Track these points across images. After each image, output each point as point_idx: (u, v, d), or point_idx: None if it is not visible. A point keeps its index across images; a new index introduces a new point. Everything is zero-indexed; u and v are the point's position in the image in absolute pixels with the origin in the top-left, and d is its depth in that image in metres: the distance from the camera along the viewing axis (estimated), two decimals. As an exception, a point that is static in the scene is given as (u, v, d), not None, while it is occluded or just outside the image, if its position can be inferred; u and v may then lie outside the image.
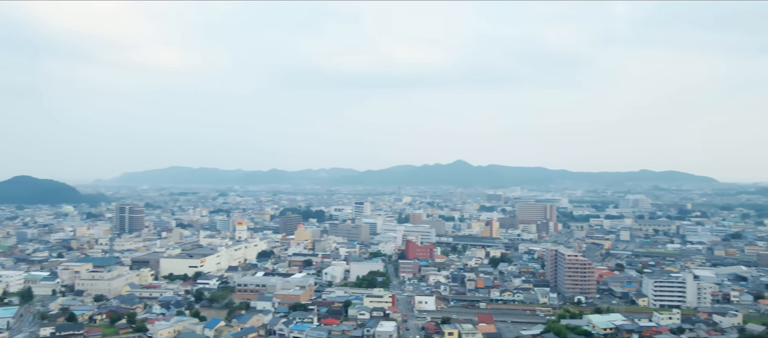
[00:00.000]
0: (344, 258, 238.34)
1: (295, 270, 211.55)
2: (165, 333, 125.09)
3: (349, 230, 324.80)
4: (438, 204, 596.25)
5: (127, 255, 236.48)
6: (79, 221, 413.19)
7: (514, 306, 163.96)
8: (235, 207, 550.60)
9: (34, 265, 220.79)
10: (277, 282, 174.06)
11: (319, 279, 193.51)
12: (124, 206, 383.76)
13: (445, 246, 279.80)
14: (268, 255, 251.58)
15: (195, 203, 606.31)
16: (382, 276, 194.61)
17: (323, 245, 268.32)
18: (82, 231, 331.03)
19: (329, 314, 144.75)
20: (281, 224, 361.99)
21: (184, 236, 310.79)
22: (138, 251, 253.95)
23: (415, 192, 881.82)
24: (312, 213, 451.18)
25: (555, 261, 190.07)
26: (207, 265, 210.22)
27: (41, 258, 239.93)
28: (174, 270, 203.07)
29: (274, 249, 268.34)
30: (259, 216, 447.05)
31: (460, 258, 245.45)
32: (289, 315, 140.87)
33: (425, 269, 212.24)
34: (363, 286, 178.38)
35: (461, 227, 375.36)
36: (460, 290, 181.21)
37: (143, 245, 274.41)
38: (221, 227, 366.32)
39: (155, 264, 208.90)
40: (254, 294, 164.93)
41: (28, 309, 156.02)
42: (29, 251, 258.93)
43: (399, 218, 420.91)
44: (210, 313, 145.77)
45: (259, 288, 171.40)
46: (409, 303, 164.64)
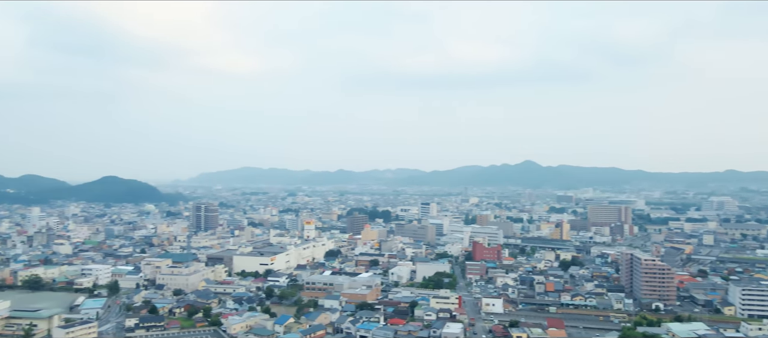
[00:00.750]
0: (410, 258, 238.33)
1: (361, 269, 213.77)
2: (238, 327, 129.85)
3: (415, 231, 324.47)
4: (506, 205, 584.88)
5: (203, 251, 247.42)
6: (159, 219, 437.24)
7: (586, 311, 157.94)
8: (304, 207, 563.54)
9: (120, 260, 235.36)
10: (344, 281, 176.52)
11: (385, 279, 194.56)
12: (200, 205, 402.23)
13: (513, 248, 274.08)
14: (336, 254, 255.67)
15: (265, 203, 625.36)
16: (448, 277, 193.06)
17: (389, 246, 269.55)
18: (163, 229, 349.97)
19: (395, 314, 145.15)
20: (348, 224, 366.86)
21: (256, 235, 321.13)
22: (213, 248, 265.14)
23: (482, 193, 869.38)
24: (378, 213, 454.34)
25: (630, 266, 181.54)
26: (277, 263, 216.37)
27: (126, 253, 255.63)
28: (246, 267, 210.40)
29: (341, 249, 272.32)
30: (327, 216, 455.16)
31: (529, 261, 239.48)
32: (355, 313, 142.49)
33: (492, 271, 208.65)
34: (429, 287, 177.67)
35: (530, 228, 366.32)
36: (528, 293, 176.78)
37: (217, 243, 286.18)
38: (290, 227, 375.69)
39: (229, 261, 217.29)
40: (322, 292, 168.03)
41: (115, 300, 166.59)
42: (116, 247, 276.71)
43: (466, 219, 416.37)
44: (280, 310, 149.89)
45: (326, 286, 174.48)
46: (476, 305, 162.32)
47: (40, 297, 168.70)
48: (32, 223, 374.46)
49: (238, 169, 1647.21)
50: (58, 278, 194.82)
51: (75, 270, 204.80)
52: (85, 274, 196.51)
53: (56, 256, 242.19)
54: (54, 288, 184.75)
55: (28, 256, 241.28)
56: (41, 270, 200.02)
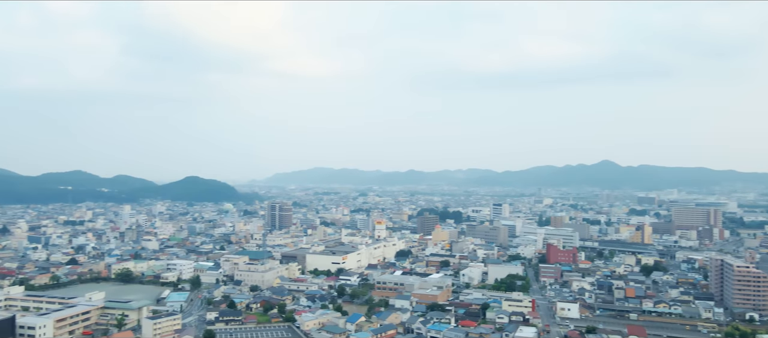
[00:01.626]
0: (482, 259, 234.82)
1: (432, 270, 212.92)
2: (311, 324, 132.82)
3: (486, 232, 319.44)
4: (582, 207, 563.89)
5: (278, 249, 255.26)
6: (237, 217, 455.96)
7: (670, 319, 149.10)
8: (375, 207, 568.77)
9: (202, 256, 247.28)
10: (414, 281, 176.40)
11: (456, 280, 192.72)
12: (275, 204, 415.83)
13: (589, 251, 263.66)
14: (406, 254, 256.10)
15: (337, 203, 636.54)
16: (521, 279, 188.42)
17: (460, 247, 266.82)
18: (240, 227, 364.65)
19: (467, 316, 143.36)
20: (419, 225, 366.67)
21: (328, 234, 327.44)
22: (287, 246, 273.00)
23: (556, 194, 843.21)
24: (449, 214, 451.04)
25: (721, 273, 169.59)
26: (348, 262, 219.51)
27: (207, 249, 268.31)
28: (318, 266, 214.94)
29: (412, 249, 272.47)
30: (397, 216, 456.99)
31: (607, 265, 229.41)
32: (426, 314, 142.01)
33: (568, 274, 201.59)
34: (501, 289, 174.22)
35: (608, 231, 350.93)
36: (607, 298, 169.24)
37: (291, 241, 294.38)
38: (361, 226, 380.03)
39: (302, 259, 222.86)
40: (393, 292, 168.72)
41: (197, 294, 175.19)
42: (197, 244, 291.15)
43: (539, 221, 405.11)
44: (351, 308, 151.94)
45: (397, 286, 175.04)
46: (551, 309, 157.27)
47: (130, 289, 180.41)
48: (124, 220, 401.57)
49: (310, 169, 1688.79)
50: (146, 272, 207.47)
51: (161, 264, 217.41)
52: (170, 269, 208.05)
53: (145, 251, 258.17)
54: (142, 281, 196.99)
55: (120, 251, 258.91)
56: (131, 263, 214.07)
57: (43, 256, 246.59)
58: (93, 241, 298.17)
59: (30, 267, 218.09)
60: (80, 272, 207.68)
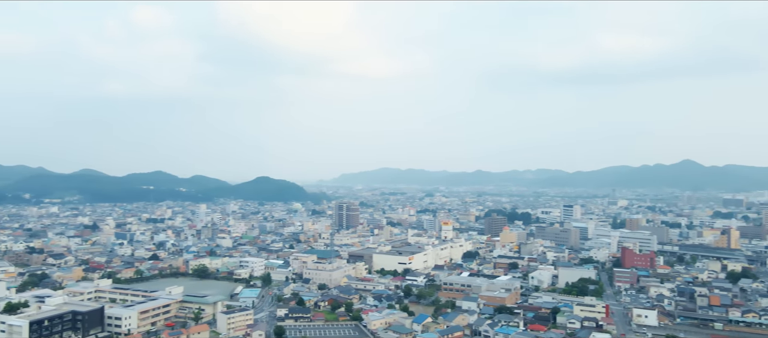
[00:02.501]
0: (552, 262, 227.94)
1: (500, 272, 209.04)
2: (378, 323, 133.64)
3: (557, 234, 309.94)
4: (660, 209, 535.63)
5: (345, 249, 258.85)
6: (305, 216, 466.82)
7: (760, 330, 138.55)
8: (441, 207, 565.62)
9: (272, 254, 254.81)
10: (482, 283, 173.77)
11: (525, 283, 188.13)
12: (342, 204, 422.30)
13: (668, 256, 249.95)
14: (473, 255, 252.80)
15: (403, 203, 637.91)
16: (594, 284, 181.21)
17: (529, 249, 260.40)
18: (308, 226, 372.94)
19: (536, 319, 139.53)
20: (486, 226, 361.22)
21: (394, 234, 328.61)
22: (354, 246, 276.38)
23: (632, 195, 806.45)
24: (517, 215, 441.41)
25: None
26: (415, 262, 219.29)
27: (277, 248, 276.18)
28: (385, 266, 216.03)
29: (479, 250, 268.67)
30: (464, 217, 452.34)
31: (688, 270, 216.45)
32: (494, 316, 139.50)
33: (645, 279, 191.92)
34: (573, 293, 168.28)
35: (689, 235, 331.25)
36: (688, 306, 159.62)
37: (358, 241, 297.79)
38: (428, 227, 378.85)
39: (368, 259, 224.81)
40: (460, 294, 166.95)
41: (267, 291, 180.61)
42: (268, 242, 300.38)
43: (613, 223, 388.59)
44: (417, 309, 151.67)
45: (464, 287, 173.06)
46: (626, 315, 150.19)
47: (206, 285, 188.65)
48: (200, 218, 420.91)
49: (377, 170, 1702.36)
50: (221, 268, 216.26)
51: (234, 261, 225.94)
52: (242, 266, 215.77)
53: (219, 248, 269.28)
54: (217, 277, 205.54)
55: (197, 247, 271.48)
56: (207, 260, 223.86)
57: (129, 251, 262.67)
58: (172, 238, 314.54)
59: (117, 261, 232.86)
60: (161, 267, 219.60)
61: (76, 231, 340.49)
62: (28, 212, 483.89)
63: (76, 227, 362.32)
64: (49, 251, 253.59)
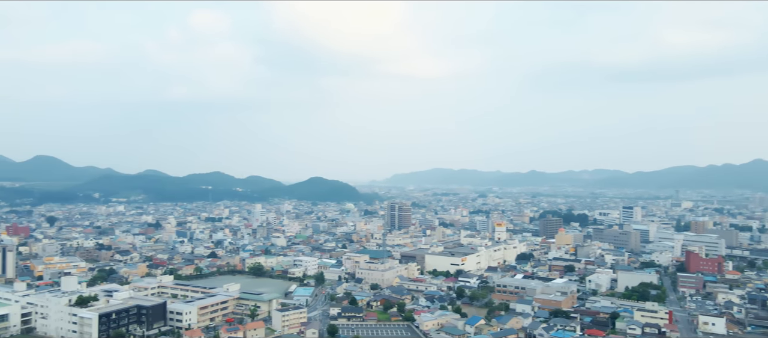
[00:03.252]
0: (610, 265, 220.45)
1: (555, 274, 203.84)
2: (430, 324, 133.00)
3: (615, 237, 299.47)
4: (729, 211, 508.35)
5: (397, 249, 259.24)
6: (358, 217, 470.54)
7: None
8: (494, 208, 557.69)
9: (325, 253, 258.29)
10: (536, 286, 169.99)
11: (581, 286, 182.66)
12: (394, 204, 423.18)
13: (738, 261, 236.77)
14: (527, 257, 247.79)
15: (456, 204, 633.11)
16: (656, 288, 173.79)
17: (586, 251, 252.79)
18: (361, 226, 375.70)
19: (593, 324, 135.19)
20: (541, 227, 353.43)
21: (446, 235, 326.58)
22: (406, 246, 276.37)
23: (697, 197, 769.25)
24: (573, 217, 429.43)
25: None
26: (467, 264, 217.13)
27: (330, 247, 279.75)
28: (437, 266, 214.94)
29: (534, 252, 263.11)
30: (518, 218, 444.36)
31: (761, 276, 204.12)
32: (549, 320, 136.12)
33: (712, 285, 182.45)
34: (633, 298, 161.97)
35: (762, 239, 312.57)
36: (760, 314, 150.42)
37: (410, 241, 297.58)
38: (481, 228, 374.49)
39: (421, 260, 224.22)
40: (513, 296, 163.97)
41: (321, 290, 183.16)
42: (321, 242, 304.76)
43: (677, 226, 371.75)
44: (470, 310, 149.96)
45: (518, 290, 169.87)
46: (691, 323, 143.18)
47: (261, 283, 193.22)
48: (255, 217, 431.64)
49: (429, 170, 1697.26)
50: (276, 267, 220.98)
51: (288, 260, 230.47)
52: (296, 265, 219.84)
53: (274, 247, 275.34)
54: (272, 276, 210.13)
55: (252, 246, 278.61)
56: (262, 259, 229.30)
57: (189, 249, 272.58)
58: (229, 237, 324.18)
59: (178, 258, 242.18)
60: (219, 264, 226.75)
61: (141, 229, 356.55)
62: (98, 210, 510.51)
63: (140, 226, 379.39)
64: (116, 248, 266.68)
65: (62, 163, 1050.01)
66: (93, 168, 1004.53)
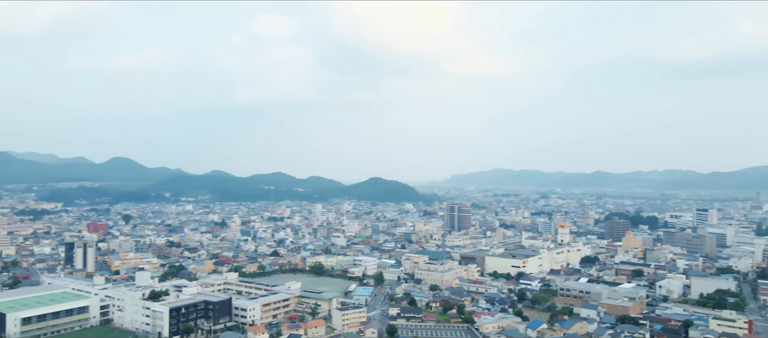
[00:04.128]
0: (682, 271, 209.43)
1: (622, 279, 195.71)
2: (490, 327, 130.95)
3: (688, 241, 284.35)
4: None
5: (456, 250, 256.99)
6: (417, 217, 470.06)
7: None
8: (557, 210, 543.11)
9: (384, 254, 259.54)
10: (602, 290, 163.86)
11: (651, 292, 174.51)
12: (454, 205, 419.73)
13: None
14: (592, 260, 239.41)
15: (517, 205, 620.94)
16: (733, 296, 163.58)
17: (656, 255, 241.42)
18: (420, 227, 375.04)
19: (664, 332, 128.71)
20: (607, 230, 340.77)
21: (507, 237, 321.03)
22: (465, 247, 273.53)
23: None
24: (642, 219, 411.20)
25: None
26: (529, 266, 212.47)
27: (389, 248, 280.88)
28: (498, 268, 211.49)
29: (599, 255, 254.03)
30: (582, 220, 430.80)
31: None
32: (616, 326, 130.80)
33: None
34: (708, 306, 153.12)
35: None
36: None
37: (470, 243, 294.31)
38: (543, 230, 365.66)
39: (481, 261, 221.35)
40: (577, 300, 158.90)
41: (380, 290, 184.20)
42: (380, 242, 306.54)
43: (758, 230, 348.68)
44: (532, 314, 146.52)
45: (582, 294, 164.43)
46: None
47: (321, 282, 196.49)
48: (316, 217, 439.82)
49: (489, 171, 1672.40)
50: (336, 266, 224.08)
51: (348, 260, 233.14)
52: (356, 264, 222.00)
53: (334, 247, 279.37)
54: (332, 275, 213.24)
55: (313, 245, 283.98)
56: (323, 258, 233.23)
57: (252, 247, 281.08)
58: (291, 236, 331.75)
59: (242, 256, 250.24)
60: (281, 263, 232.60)
61: (208, 228, 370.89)
62: (168, 209, 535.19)
63: (207, 224, 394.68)
64: (185, 245, 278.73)
65: (136, 164, 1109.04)
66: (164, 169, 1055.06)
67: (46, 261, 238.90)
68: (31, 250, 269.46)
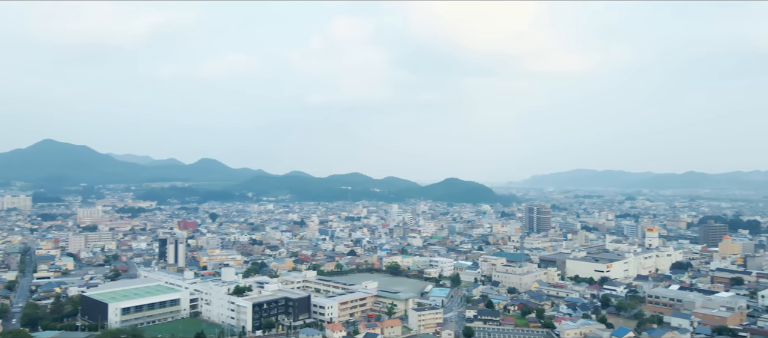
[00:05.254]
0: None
1: (719, 287, 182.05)
2: (572, 333, 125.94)
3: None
4: None
5: (535, 253, 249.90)
6: (494, 218, 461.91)
7: None
8: (644, 212, 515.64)
9: (461, 255, 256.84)
10: (696, 299, 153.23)
11: (752, 302, 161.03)
12: (533, 206, 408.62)
13: None
14: (685, 267, 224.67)
15: (600, 207, 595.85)
16: None
17: (759, 262, 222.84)
18: (497, 228, 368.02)
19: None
20: (701, 234, 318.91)
21: (589, 240, 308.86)
22: (545, 250, 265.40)
23: None
24: (741, 223, 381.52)
25: None
26: (613, 271, 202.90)
27: (465, 249, 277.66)
28: (579, 272, 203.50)
29: (692, 261, 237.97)
30: (673, 223, 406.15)
31: None
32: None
33: None
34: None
35: None
36: None
37: (550, 245, 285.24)
38: (628, 233, 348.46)
39: (561, 265, 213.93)
40: (668, 309, 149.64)
41: (456, 291, 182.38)
42: (457, 243, 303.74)
43: None
44: (617, 321, 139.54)
45: (674, 302, 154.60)
46: None
47: (397, 282, 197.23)
48: (392, 217, 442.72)
49: (570, 171, 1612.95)
50: (412, 266, 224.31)
51: (424, 260, 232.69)
52: (432, 265, 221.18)
53: (410, 247, 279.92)
54: (408, 275, 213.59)
55: (389, 246, 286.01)
56: (399, 258, 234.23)
57: (330, 246, 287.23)
58: (367, 236, 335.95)
59: (320, 255, 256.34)
60: (358, 262, 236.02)
61: (287, 226, 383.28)
62: (251, 208, 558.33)
63: (287, 223, 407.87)
64: (266, 243, 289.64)
65: (222, 165, 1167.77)
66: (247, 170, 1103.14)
67: (142, 256, 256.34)
68: (129, 245, 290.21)
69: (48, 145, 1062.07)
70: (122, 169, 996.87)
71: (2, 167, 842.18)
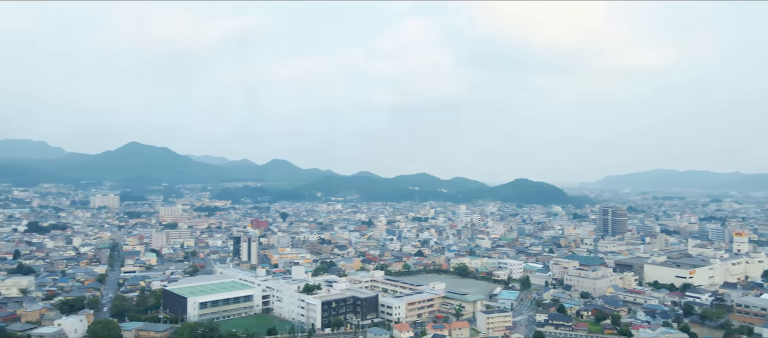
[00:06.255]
0: None
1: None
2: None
3: None
4: None
5: (610, 256, 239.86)
6: (566, 220, 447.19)
7: None
8: (732, 215, 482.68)
9: (531, 257, 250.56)
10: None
11: None
12: (607, 208, 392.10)
13: None
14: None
15: (682, 209, 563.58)
16: None
17: None
18: (569, 230, 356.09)
19: None
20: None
21: (670, 243, 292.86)
22: (621, 254, 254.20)
23: None
24: None
25: None
26: (697, 277, 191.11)
27: (536, 251, 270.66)
28: (659, 278, 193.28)
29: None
30: (765, 228, 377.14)
31: None
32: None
33: None
34: None
35: None
36: None
37: (626, 249, 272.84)
38: (714, 237, 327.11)
39: (639, 269, 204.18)
40: (759, 319, 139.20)
41: (526, 294, 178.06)
42: (526, 245, 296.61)
43: None
44: (701, 331, 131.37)
45: (765, 312, 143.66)
46: None
47: (465, 283, 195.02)
48: (460, 219, 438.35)
49: (648, 172, 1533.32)
50: (480, 268, 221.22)
51: (493, 262, 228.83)
52: (501, 267, 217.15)
53: (478, 249, 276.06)
54: (476, 277, 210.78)
55: (457, 247, 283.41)
56: (467, 259, 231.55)
57: (397, 247, 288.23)
58: (435, 236, 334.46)
59: (387, 255, 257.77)
60: (425, 263, 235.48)
61: (355, 226, 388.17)
62: (320, 208, 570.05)
63: (355, 223, 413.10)
64: (335, 243, 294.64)
65: (292, 166, 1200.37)
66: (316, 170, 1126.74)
67: (217, 253, 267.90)
68: (206, 242, 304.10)
69: (134, 147, 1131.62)
70: (199, 169, 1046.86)
71: (94, 169, 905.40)
